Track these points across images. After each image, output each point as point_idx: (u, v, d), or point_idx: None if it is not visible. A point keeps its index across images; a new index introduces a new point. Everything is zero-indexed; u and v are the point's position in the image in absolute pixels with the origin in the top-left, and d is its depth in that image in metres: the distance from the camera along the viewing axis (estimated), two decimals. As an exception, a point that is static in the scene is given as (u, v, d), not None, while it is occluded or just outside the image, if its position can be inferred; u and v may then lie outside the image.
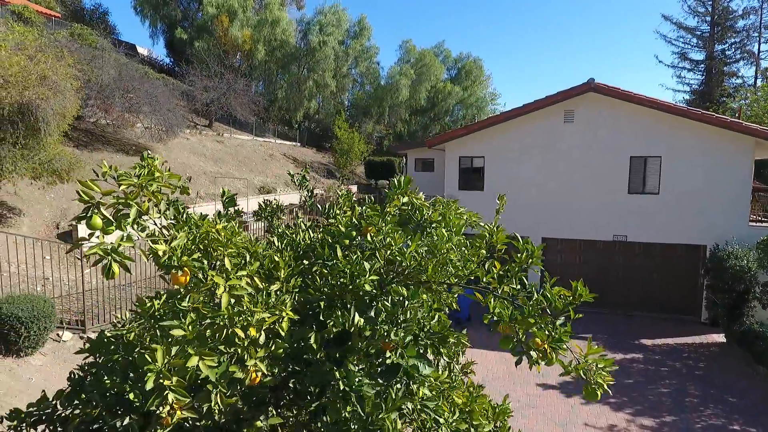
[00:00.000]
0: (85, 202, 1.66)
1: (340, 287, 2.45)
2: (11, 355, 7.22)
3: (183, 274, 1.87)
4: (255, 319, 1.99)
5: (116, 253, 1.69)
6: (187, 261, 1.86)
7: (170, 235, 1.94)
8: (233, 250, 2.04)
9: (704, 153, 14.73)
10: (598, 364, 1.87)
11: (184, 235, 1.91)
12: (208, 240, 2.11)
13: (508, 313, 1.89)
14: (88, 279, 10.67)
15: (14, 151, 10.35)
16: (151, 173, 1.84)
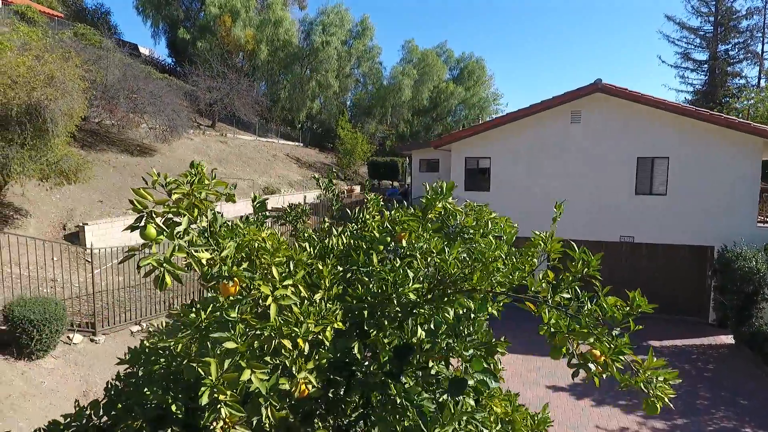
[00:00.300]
0: (138, 211, 1.61)
1: (382, 295, 2.40)
2: (23, 358, 7.17)
3: (233, 284, 1.82)
4: (303, 329, 1.94)
5: (169, 264, 1.63)
6: (238, 271, 1.81)
7: (217, 244, 1.89)
8: (280, 259, 1.99)
9: (712, 154, 14.68)
10: (659, 376, 1.82)
11: (233, 244, 1.86)
12: (252, 248, 2.06)
13: (565, 324, 1.84)
14: (96, 280, 10.63)
15: (22, 152, 10.29)
16: (201, 181, 1.78)
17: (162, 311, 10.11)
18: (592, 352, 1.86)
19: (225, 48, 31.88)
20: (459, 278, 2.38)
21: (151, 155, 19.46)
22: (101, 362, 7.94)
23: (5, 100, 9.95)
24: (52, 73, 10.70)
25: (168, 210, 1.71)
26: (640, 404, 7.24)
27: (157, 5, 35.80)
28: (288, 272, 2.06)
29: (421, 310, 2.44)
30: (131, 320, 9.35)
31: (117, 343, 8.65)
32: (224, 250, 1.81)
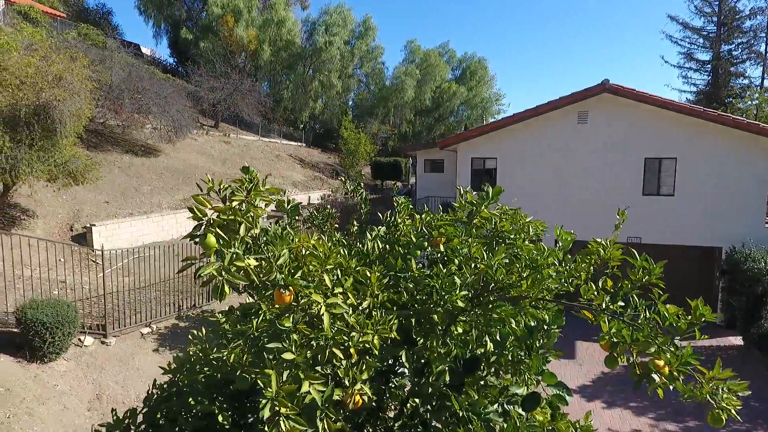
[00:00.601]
0: (197, 219, 1.56)
1: (428, 302, 2.35)
2: (36, 360, 7.11)
3: (289, 293, 1.77)
4: (355, 339, 1.90)
5: (230, 273, 1.59)
6: (295, 280, 1.76)
7: (268, 252, 1.84)
8: (331, 266, 1.94)
9: (720, 154, 14.64)
10: (724, 387, 1.77)
11: (287, 251, 1.81)
12: (299, 255, 2.02)
13: (628, 333, 1.80)
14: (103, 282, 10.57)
15: (30, 153, 10.24)
16: (257, 187, 1.74)
17: (171, 313, 10.06)
18: (654, 362, 1.82)
19: (228, 48, 31.81)
20: (506, 285, 2.33)
21: (155, 156, 19.41)
22: (112, 365, 7.89)
23: (14, 101, 9.90)
24: (60, 73, 10.65)
25: (227, 218, 1.65)
26: (651, 406, 7.19)
27: (159, 5, 35.73)
28: (337, 280, 2.02)
29: (466, 318, 2.40)
30: (141, 322, 9.30)
31: (127, 345, 8.60)
32: (280, 258, 1.76)
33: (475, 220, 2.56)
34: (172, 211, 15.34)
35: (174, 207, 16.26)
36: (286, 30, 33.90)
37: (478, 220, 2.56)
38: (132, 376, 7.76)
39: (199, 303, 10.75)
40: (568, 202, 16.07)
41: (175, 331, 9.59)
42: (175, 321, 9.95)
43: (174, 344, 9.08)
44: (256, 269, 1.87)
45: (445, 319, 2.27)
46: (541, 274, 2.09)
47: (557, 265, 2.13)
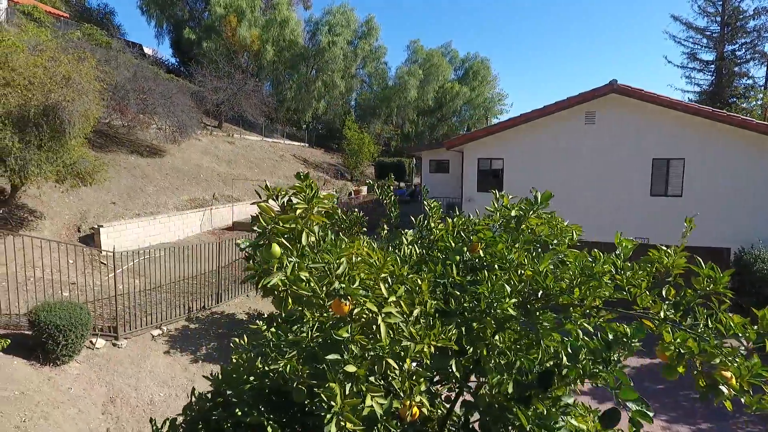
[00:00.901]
0: (262, 228, 1.51)
1: (476, 310, 2.30)
2: (48, 363, 7.07)
3: (349, 303, 1.72)
4: (412, 349, 1.85)
5: (295, 285, 1.54)
6: (355, 290, 1.71)
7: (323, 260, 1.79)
8: (386, 275, 1.89)
9: (729, 155, 14.59)
10: (796, 399, 1.72)
11: (345, 260, 1.76)
12: (350, 262, 1.97)
13: (695, 344, 1.75)
14: (112, 283, 10.52)
15: (39, 153, 10.19)
16: (317, 195, 1.68)
17: (181, 315, 10.00)
18: (722, 373, 1.77)
19: (231, 48, 31.75)
20: (555, 292, 2.28)
21: (160, 156, 19.36)
22: (125, 367, 7.84)
23: (23, 102, 9.85)
24: (68, 74, 10.60)
25: (291, 228, 1.60)
26: (662, 408, 7.11)
27: (162, 5, 35.69)
28: (390, 288, 1.96)
29: (515, 326, 2.35)
30: (152, 324, 9.25)
31: (139, 347, 8.55)
32: (339, 267, 1.71)
33: (524, 225, 2.51)
34: (179, 212, 15.29)
35: (180, 207, 16.21)
36: (289, 30, 33.85)
37: (527, 226, 2.51)
38: (145, 378, 7.71)
39: (208, 305, 10.70)
40: (575, 203, 16.00)
41: (185, 332, 9.54)
42: (185, 322, 9.90)
43: (185, 346, 9.03)
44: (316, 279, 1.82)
45: (493, 327, 2.22)
46: (598, 281, 2.03)
47: (614, 273, 2.08)
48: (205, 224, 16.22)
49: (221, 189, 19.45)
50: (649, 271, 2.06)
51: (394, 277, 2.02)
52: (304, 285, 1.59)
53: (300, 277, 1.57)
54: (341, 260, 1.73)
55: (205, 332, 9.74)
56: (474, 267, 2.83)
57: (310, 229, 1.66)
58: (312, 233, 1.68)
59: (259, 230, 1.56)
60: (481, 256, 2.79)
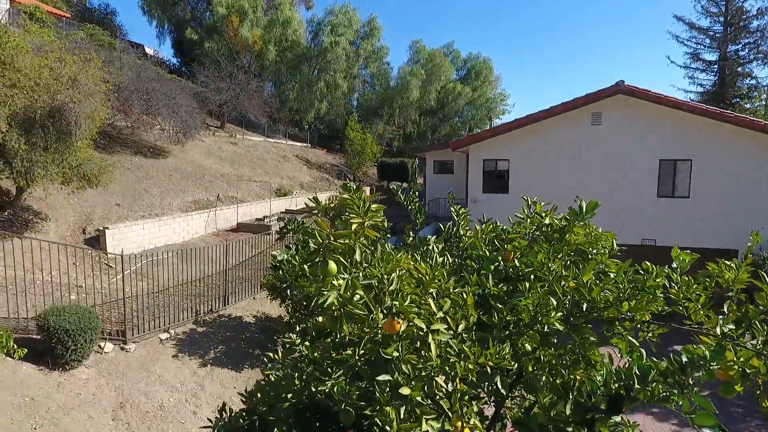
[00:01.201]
0: (318, 245, 1.44)
1: (518, 324, 2.23)
2: (57, 368, 6.99)
3: (401, 321, 1.65)
4: (463, 367, 1.77)
5: (351, 304, 1.46)
6: (409, 308, 1.63)
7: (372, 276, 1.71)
8: (435, 290, 1.82)
9: (737, 156, 14.54)
10: None
11: (396, 276, 1.68)
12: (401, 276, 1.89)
13: (761, 364, 1.67)
14: (119, 286, 10.45)
15: (45, 155, 10.11)
16: (370, 208, 1.61)
17: (189, 318, 9.93)
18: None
19: (234, 49, 31.66)
20: (601, 305, 2.21)
21: (164, 157, 19.28)
22: (133, 372, 7.76)
23: (29, 103, 9.78)
24: (75, 75, 10.52)
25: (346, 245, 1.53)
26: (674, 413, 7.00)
27: (163, 5, 35.61)
28: (437, 302, 1.89)
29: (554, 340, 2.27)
30: (159, 327, 9.17)
31: (147, 351, 8.48)
32: (392, 284, 1.64)
33: (567, 236, 2.43)
34: (184, 213, 15.22)
35: (184, 209, 16.13)
36: (291, 30, 33.76)
37: (571, 237, 2.43)
38: (154, 383, 7.64)
39: (215, 307, 10.63)
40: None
41: (193, 335, 9.46)
42: (193, 325, 9.82)
43: (193, 350, 8.96)
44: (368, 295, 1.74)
45: (538, 342, 2.14)
46: (650, 294, 1.96)
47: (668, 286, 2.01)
48: (209, 225, 16.14)
49: (225, 190, 19.37)
50: (707, 285, 1.99)
51: (440, 291, 1.94)
52: (359, 303, 1.52)
53: (356, 295, 1.50)
54: (392, 276, 1.66)
55: (213, 335, 9.67)
56: (509, 277, 2.76)
57: (363, 244, 1.58)
58: (366, 248, 1.60)
59: (315, 246, 1.49)
60: (516, 266, 2.72)
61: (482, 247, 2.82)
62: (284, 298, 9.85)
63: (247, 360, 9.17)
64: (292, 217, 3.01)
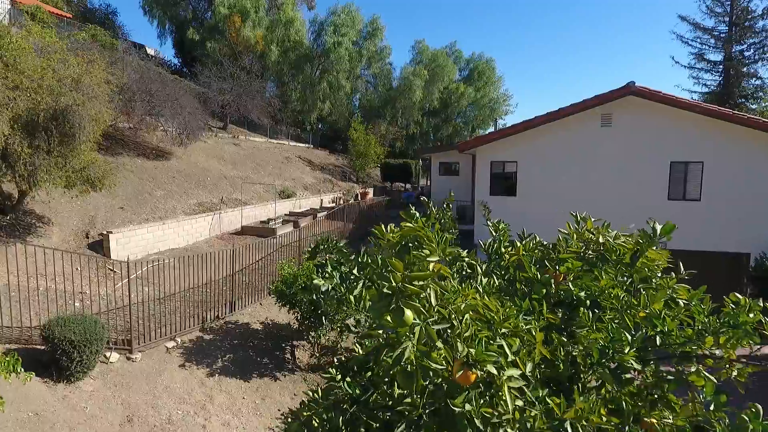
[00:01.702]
0: (393, 290, 1.22)
1: (585, 360, 2.00)
2: (62, 380, 6.77)
3: (476, 371, 1.43)
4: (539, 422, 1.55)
5: (429, 357, 1.24)
6: (488, 356, 1.41)
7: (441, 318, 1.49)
8: (508, 329, 1.60)
9: (749, 158, 14.31)
10: None
11: (468, 318, 1.47)
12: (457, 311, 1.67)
13: None
14: (124, 292, 10.23)
15: (48, 159, 9.89)
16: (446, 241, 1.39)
17: (195, 325, 9.71)
18: None
19: (236, 49, 31.44)
20: (679, 340, 1.99)
21: (167, 159, 19.06)
22: (140, 383, 7.54)
23: (32, 105, 9.56)
24: (78, 77, 10.31)
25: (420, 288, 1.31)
26: None
27: (164, 5, 35.38)
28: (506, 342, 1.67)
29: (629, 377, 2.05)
30: (165, 336, 8.95)
31: (153, 360, 8.26)
32: (467, 328, 1.42)
33: (640, 262, 2.21)
34: (188, 216, 14.99)
35: (188, 212, 15.91)
36: (293, 30, 33.56)
37: (643, 263, 2.21)
38: (161, 394, 7.41)
39: (222, 314, 10.40)
40: (590, 207, 15.60)
41: (200, 344, 9.24)
42: (199, 333, 9.60)
43: (200, 359, 8.73)
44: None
45: (612, 382, 1.92)
46: (742, 330, 1.75)
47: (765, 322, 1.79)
48: (214, 229, 15.92)
49: (229, 192, 19.15)
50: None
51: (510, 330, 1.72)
52: (437, 356, 1.30)
53: (434, 347, 1.28)
54: (466, 318, 1.44)
55: (220, 343, 9.44)
56: (562, 302, 2.54)
57: (436, 286, 1.36)
58: (443, 290, 1.39)
59: (388, 291, 1.27)
60: (569, 290, 2.50)
61: (531, 269, 2.60)
62: (293, 305, 9.65)
63: (256, 369, 8.94)
64: (323, 235, 2.78)
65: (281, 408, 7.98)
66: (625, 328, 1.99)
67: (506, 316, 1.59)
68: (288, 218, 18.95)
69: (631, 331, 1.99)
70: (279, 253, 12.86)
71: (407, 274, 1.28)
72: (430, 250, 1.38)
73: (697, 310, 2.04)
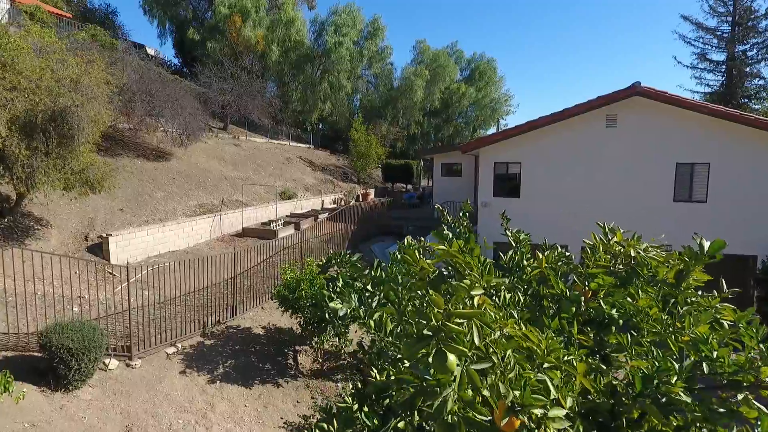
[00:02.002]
0: (434, 330, 1.05)
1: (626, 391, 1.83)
2: (60, 389, 6.60)
3: (522, 416, 1.26)
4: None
5: (474, 407, 1.07)
6: (535, 401, 1.24)
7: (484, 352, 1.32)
8: (553, 363, 1.42)
9: (756, 159, 14.14)
10: None
11: (512, 355, 1.29)
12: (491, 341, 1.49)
13: None
14: (123, 296, 10.06)
15: (47, 161, 9.72)
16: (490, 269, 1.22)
17: (196, 330, 9.53)
18: None
19: (236, 49, 31.27)
20: (730, 369, 1.82)
21: (167, 160, 18.89)
22: (140, 391, 7.37)
23: (30, 107, 9.38)
24: (77, 77, 10.14)
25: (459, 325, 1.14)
26: None
27: (164, 5, 35.20)
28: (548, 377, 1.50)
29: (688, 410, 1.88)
30: (166, 341, 8.78)
31: (153, 367, 8.08)
32: (511, 369, 1.25)
33: (685, 283, 2.04)
34: (188, 218, 14.82)
35: (189, 213, 15.74)
36: (294, 30, 33.38)
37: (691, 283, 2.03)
38: (162, 403, 7.24)
39: (223, 318, 10.23)
40: (594, 208, 15.53)
41: (200, 349, 9.07)
42: (200, 338, 9.43)
43: (201, 365, 8.56)
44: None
45: (659, 415, 1.75)
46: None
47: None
48: (214, 230, 15.75)
49: (230, 193, 18.98)
50: None
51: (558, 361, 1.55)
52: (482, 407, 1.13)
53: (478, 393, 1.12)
54: (508, 354, 1.27)
55: (222, 349, 9.27)
56: (590, 321, 2.37)
57: (479, 320, 1.19)
58: (484, 327, 1.21)
59: (429, 332, 1.09)
60: (599, 307, 2.33)
61: (558, 284, 2.42)
62: (295, 309, 9.47)
63: (258, 375, 8.77)
64: (337, 252, 2.60)
65: (284, 416, 7.81)
66: (667, 353, 1.82)
67: (550, 349, 1.42)
68: (289, 220, 18.77)
69: (676, 357, 1.82)
70: (280, 255, 12.69)
71: (449, 311, 1.11)
72: (472, 281, 1.21)
73: (747, 333, 1.87)
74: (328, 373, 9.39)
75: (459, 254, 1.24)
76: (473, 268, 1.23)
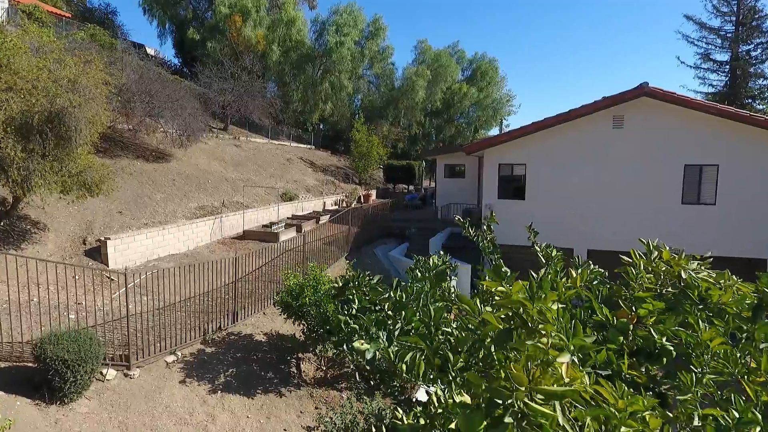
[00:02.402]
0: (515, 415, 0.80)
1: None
2: (55, 402, 6.35)
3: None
4: None
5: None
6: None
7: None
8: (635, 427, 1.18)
9: (765, 160, 13.92)
10: None
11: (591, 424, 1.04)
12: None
13: None
14: (121, 302, 9.80)
15: (43, 163, 9.47)
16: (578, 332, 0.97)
17: (196, 337, 9.28)
18: None
19: (236, 49, 31.03)
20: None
21: (167, 161, 18.63)
22: (138, 402, 7.12)
23: (26, 108, 9.14)
24: (75, 77, 9.89)
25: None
26: None
27: (164, 5, 34.98)
28: None
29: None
30: (165, 349, 8.52)
31: (152, 376, 7.84)
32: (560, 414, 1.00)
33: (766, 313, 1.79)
34: (188, 221, 14.57)
35: (189, 216, 15.49)
36: (295, 30, 33.15)
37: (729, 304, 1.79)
38: (161, 415, 6.99)
39: (224, 325, 9.98)
40: (600, 211, 15.30)
41: (201, 357, 8.82)
42: (201, 346, 9.18)
43: (202, 374, 8.31)
44: None
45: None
46: None
47: None
48: (215, 233, 15.50)
49: (230, 195, 18.73)
50: None
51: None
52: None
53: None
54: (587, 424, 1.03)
55: (223, 356, 9.02)
56: (638, 351, 2.12)
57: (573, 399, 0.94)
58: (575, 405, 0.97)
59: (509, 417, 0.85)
60: (649, 337, 2.08)
61: (601, 309, 2.18)
62: (298, 316, 9.23)
63: (260, 384, 8.52)
64: (355, 273, 2.34)
65: (288, 428, 7.57)
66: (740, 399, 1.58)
67: (630, 409, 1.16)
68: (290, 222, 18.52)
69: (756, 404, 1.58)
70: (282, 258, 12.44)
71: (533, 387, 0.86)
72: (556, 342, 0.96)
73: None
74: (332, 382, 9.14)
75: (527, 301, 0.99)
76: (549, 320, 0.99)
